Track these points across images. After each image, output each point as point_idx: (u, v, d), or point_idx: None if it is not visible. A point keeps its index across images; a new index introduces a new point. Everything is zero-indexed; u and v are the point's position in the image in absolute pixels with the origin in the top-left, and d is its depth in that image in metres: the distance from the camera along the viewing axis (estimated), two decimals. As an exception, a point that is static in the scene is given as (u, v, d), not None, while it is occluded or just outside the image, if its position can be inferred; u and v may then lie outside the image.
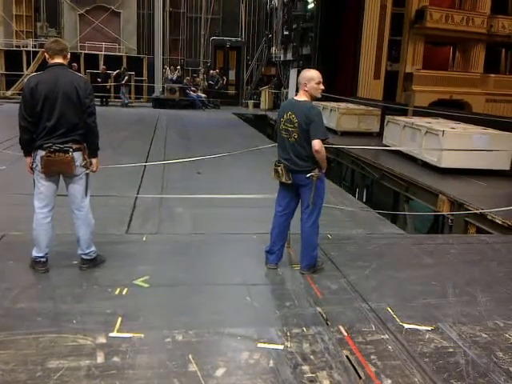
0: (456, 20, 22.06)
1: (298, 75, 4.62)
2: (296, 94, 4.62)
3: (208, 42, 29.48)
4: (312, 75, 4.42)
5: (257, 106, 26.37)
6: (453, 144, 9.76)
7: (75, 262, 4.48)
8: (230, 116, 21.98)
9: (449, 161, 9.79)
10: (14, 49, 26.60)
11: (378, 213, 7.35)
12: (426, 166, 10.37)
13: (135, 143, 12.91)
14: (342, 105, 16.90)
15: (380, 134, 14.27)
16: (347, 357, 3.23)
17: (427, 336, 3.56)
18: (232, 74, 28.16)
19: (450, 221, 7.91)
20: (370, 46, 21.05)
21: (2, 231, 5.28)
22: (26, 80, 4.48)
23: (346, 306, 3.98)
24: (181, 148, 11.24)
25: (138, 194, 7.54)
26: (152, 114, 20.49)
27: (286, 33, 27.76)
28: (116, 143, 12.26)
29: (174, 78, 24.47)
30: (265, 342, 3.35)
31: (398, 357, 3.27)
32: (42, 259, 4.30)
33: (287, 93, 24.97)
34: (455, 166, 9.74)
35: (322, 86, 4.44)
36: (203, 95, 24.42)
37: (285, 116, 4.43)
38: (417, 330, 3.65)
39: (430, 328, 3.67)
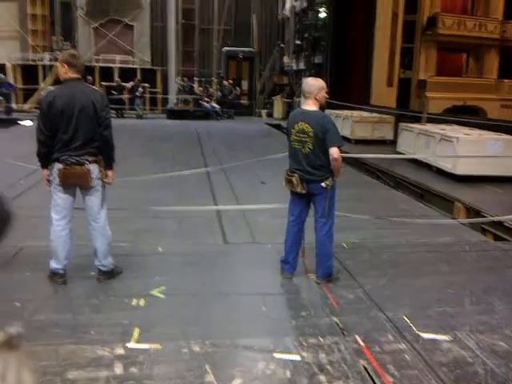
0: (468, 26, 22.02)
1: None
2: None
3: (221, 53, 29.68)
4: (323, 84, 4.49)
5: (270, 115, 26.43)
6: (468, 150, 9.69)
7: (93, 274, 4.53)
8: (263, 126, 21.81)
9: (464, 167, 9.71)
10: (31, 63, 27.01)
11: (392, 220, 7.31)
12: (440, 173, 10.30)
13: (186, 155, 12.51)
14: (356, 113, 16.88)
15: (394, 142, 14.20)
16: (364, 367, 3.22)
17: (445, 345, 3.54)
18: (245, 85, 28.29)
19: (466, 228, 7.84)
20: (383, 54, 21.06)
21: (21, 243, 5.35)
22: (42, 93, 4.55)
23: (363, 316, 3.97)
24: (233, 159, 11.05)
25: (215, 203, 7.56)
26: (181, 126, 20.19)
27: (297, 42, 27.86)
28: (168, 155, 12.08)
29: (187, 89, 24.63)
30: (281, 352, 3.36)
31: (416, 366, 3.25)
32: (61, 271, 4.35)
33: (299, 101, 25.01)
34: (470, 173, 9.66)
35: (326, 94, 4.57)
36: (217, 106, 24.55)
37: (296, 126, 4.43)
38: (434, 338, 3.62)
39: (447, 337, 3.65)
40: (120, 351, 3.31)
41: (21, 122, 17.72)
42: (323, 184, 4.38)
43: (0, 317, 3.65)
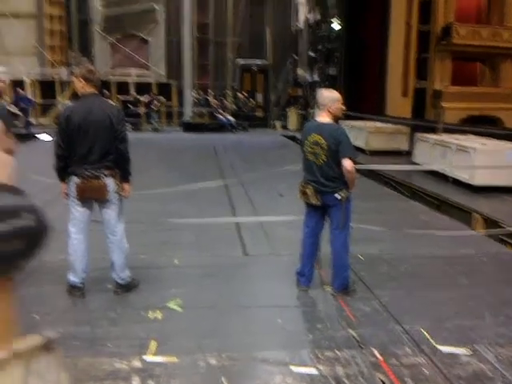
0: (483, 35, 21.92)
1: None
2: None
3: (235, 66, 29.91)
4: (337, 96, 4.49)
5: (284, 127, 26.46)
6: (485, 161, 9.61)
7: (110, 286, 4.56)
8: (278, 138, 21.80)
9: (481, 178, 9.62)
10: (49, 79, 27.44)
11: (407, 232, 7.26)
12: (457, 183, 10.22)
13: (202, 168, 12.55)
14: (370, 124, 16.81)
15: (409, 153, 14.13)
16: (381, 380, 3.19)
17: (463, 358, 3.49)
18: (259, 97, 28.43)
19: (484, 239, 7.75)
20: (397, 64, 21.03)
21: (39, 257, 5.41)
22: (59, 107, 4.64)
23: (379, 328, 3.94)
24: (250, 171, 11.09)
25: (234, 215, 7.60)
26: (197, 139, 20.21)
27: (311, 54, 27.97)
28: (184, 168, 12.11)
29: (202, 102, 24.85)
30: (298, 365, 3.34)
31: (434, 380, 3.21)
32: (79, 284, 4.39)
33: (313, 112, 25.04)
34: (488, 184, 9.56)
35: (343, 106, 4.56)
36: (232, 118, 24.67)
37: (309, 138, 4.45)
38: (452, 352, 3.58)
39: (465, 350, 3.60)
40: (137, 364, 3.33)
41: (39, 137, 17.99)
42: (337, 195, 4.38)
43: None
